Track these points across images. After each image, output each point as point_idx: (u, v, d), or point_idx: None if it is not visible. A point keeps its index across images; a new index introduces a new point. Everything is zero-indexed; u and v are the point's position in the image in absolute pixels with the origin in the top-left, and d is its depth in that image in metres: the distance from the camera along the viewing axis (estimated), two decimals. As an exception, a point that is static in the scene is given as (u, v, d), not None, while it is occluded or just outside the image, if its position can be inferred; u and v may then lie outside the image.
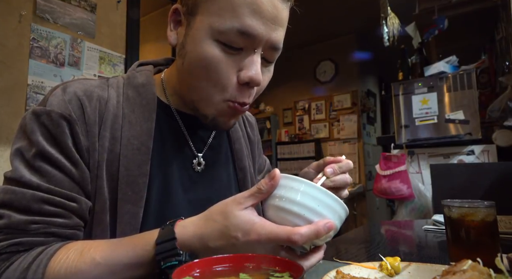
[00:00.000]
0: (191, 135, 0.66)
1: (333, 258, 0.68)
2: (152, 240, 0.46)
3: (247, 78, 0.54)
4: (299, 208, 0.42)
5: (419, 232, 1.09)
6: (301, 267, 0.35)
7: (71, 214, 0.51)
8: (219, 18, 0.52)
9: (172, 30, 0.61)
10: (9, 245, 0.47)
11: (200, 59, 0.54)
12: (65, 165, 0.52)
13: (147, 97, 0.61)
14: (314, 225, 0.41)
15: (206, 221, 0.46)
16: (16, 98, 1.59)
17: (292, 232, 0.41)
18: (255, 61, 0.54)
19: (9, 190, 0.49)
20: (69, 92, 0.55)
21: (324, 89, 5.05)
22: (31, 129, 0.52)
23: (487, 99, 2.55)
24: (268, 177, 0.44)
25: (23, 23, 1.63)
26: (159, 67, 0.71)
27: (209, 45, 0.53)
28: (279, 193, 0.44)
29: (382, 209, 4.80)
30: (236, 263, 0.39)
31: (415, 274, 0.52)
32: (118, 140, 0.56)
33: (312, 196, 0.42)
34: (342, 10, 3.94)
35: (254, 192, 0.44)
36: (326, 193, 0.43)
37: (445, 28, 2.52)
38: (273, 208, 0.45)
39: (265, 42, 0.54)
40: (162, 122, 0.63)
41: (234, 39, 0.52)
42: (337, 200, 0.44)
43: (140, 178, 0.55)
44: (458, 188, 1.52)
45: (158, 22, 3.59)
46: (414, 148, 2.44)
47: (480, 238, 0.60)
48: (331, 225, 0.42)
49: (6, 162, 1.52)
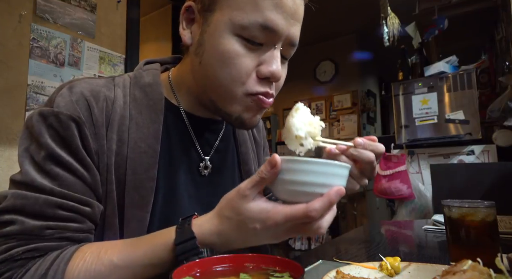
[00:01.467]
0: (198, 138, 0.65)
1: (333, 258, 0.68)
2: (171, 240, 0.46)
3: (268, 72, 0.54)
4: (308, 187, 0.43)
5: (419, 232, 1.09)
6: (301, 267, 0.35)
7: (85, 218, 0.51)
8: (240, 13, 0.51)
9: (185, 28, 0.59)
10: (25, 251, 0.46)
11: (220, 55, 0.53)
12: (77, 168, 0.51)
13: (154, 98, 0.59)
14: (326, 197, 0.42)
15: (219, 218, 0.46)
16: (16, 98, 1.59)
17: (307, 209, 0.41)
18: (275, 56, 0.54)
19: (20, 195, 0.47)
20: (76, 92, 0.54)
21: (324, 89, 5.05)
22: (39, 131, 0.50)
23: (487, 99, 2.55)
24: (269, 163, 0.43)
25: (23, 23, 1.63)
26: (166, 66, 0.69)
27: (229, 40, 0.53)
28: (286, 177, 0.43)
29: (382, 209, 4.79)
30: (236, 263, 0.39)
31: (415, 274, 0.52)
32: (125, 142, 0.55)
33: (317, 172, 0.43)
34: (342, 10, 3.94)
35: (256, 182, 0.44)
36: (328, 163, 0.43)
37: (445, 28, 2.53)
38: (283, 192, 0.45)
39: (285, 37, 0.54)
40: (169, 124, 0.62)
41: (256, 34, 0.52)
42: (340, 165, 0.44)
43: (148, 182, 0.55)
44: (458, 188, 1.52)
45: (158, 22, 3.58)
46: (414, 148, 2.44)
47: (480, 238, 0.60)
48: (342, 191, 0.43)
49: (6, 161, 1.52)
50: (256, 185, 0.44)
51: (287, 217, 0.42)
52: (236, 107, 0.57)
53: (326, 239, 3.68)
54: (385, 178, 2.39)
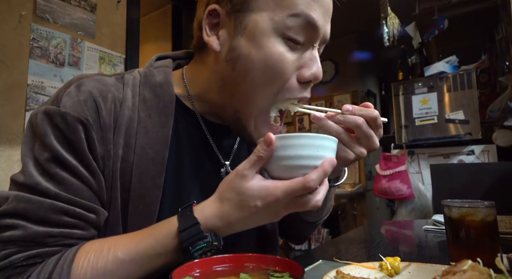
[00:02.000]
0: (216, 144, 0.62)
1: (333, 258, 0.68)
2: (174, 228, 0.46)
3: (311, 75, 0.53)
4: (303, 160, 0.45)
5: (419, 232, 1.09)
6: (301, 267, 0.35)
7: (89, 225, 0.49)
8: (282, 11, 0.50)
9: (210, 35, 0.54)
10: (26, 257, 0.44)
11: (264, 58, 0.50)
12: (83, 173, 0.48)
13: (164, 99, 0.56)
14: (321, 168, 0.44)
15: (220, 201, 0.46)
16: (16, 98, 1.59)
17: (305, 181, 0.43)
18: (315, 56, 0.53)
19: (23, 198, 0.45)
20: (84, 91, 0.51)
21: (324, 89, 5.05)
22: (44, 131, 0.48)
23: (487, 99, 2.55)
24: (265, 142, 0.44)
25: (23, 23, 1.63)
26: (178, 62, 0.66)
27: (274, 43, 0.50)
28: (281, 153, 0.45)
29: (382, 209, 4.79)
30: (236, 263, 0.39)
31: (415, 274, 0.52)
32: (132, 148, 0.52)
33: (308, 145, 0.45)
34: (342, 10, 3.93)
35: (254, 161, 0.45)
36: (318, 137, 0.46)
37: (445, 28, 2.53)
38: (279, 168, 0.46)
39: (322, 35, 0.53)
40: (180, 128, 0.59)
41: (299, 32, 0.51)
42: (328, 138, 0.47)
43: (153, 191, 0.52)
44: (458, 188, 1.52)
45: (158, 22, 3.58)
46: (414, 148, 2.45)
47: (480, 238, 0.60)
48: (334, 162, 0.45)
49: (6, 161, 1.52)
50: (254, 164, 0.45)
51: (287, 191, 0.43)
52: (257, 120, 0.56)
53: (326, 239, 3.68)
54: (385, 178, 2.39)
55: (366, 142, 0.55)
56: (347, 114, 0.54)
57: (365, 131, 0.54)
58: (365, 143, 0.56)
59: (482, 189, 1.46)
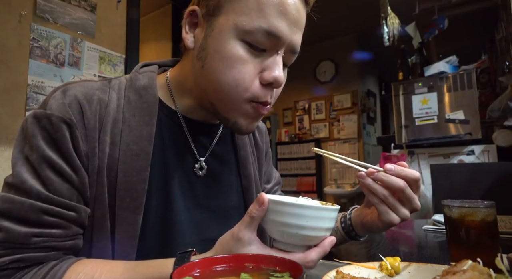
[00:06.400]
0: (194, 140, 0.65)
1: (333, 258, 0.68)
2: (168, 272, 0.46)
3: (272, 78, 0.54)
4: (298, 230, 0.45)
5: (419, 232, 1.09)
6: (301, 267, 0.35)
7: (70, 223, 0.51)
8: (246, 18, 0.52)
9: (188, 32, 0.59)
10: (11, 261, 0.46)
11: (224, 59, 0.53)
12: (66, 171, 0.51)
13: (148, 100, 0.59)
14: (322, 248, 0.47)
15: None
16: (16, 98, 1.59)
17: (305, 259, 0.45)
18: (278, 62, 0.55)
19: (8, 199, 0.48)
20: (69, 95, 0.54)
21: (324, 89, 5.05)
22: (32, 133, 0.51)
23: (487, 99, 2.55)
24: (257, 202, 0.46)
25: (23, 23, 1.63)
26: (164, 68, 0.69)
27: (233, 46, 0.53)
28: (277, 219, 0.45)
29: (382, 209, 4.79)
30: (236, 263, 0.39)
31: (415, 274, 0.52)
32: (117, 145, 0.55)
33: (306, 215, 0.45)
34: (342, 10, 3.94)
35: (248, 222, 0.46)
36: (316, 208, 0.45)
37: (445, 28, 2.52)
38: (274, 232, 0.47)
39: (287, 44, 0.55)
40: (163, 127, 0.62)
41: (260, 39, 0.52)
42: (326, 209, 0.46)
43: (139, 185, 0.54)
44: (458, 188, 1.53)
45: (158, 22, 3.59)
46: (414, 147, 2.44)
47: (480, 238, 0.60)
48: (334, 241, 0.48)
49: (6, 161, 1.52)
50: (248, 226, 0.46)
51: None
52: (235, 113, 0.57)
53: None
54: (385, 178, 2.38)
55: (409, 204, 0.56)
56: (390, 173, 0.54)
57: (408, 195, 0.54)
58: (408, 205, 0.56)
59: (482, 189, 1.46)
